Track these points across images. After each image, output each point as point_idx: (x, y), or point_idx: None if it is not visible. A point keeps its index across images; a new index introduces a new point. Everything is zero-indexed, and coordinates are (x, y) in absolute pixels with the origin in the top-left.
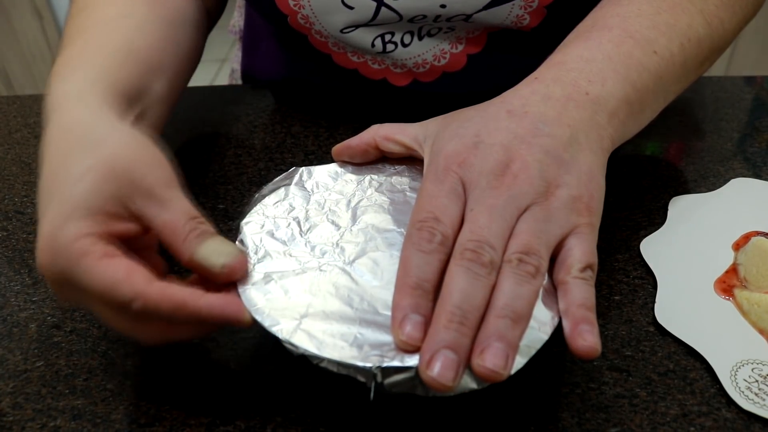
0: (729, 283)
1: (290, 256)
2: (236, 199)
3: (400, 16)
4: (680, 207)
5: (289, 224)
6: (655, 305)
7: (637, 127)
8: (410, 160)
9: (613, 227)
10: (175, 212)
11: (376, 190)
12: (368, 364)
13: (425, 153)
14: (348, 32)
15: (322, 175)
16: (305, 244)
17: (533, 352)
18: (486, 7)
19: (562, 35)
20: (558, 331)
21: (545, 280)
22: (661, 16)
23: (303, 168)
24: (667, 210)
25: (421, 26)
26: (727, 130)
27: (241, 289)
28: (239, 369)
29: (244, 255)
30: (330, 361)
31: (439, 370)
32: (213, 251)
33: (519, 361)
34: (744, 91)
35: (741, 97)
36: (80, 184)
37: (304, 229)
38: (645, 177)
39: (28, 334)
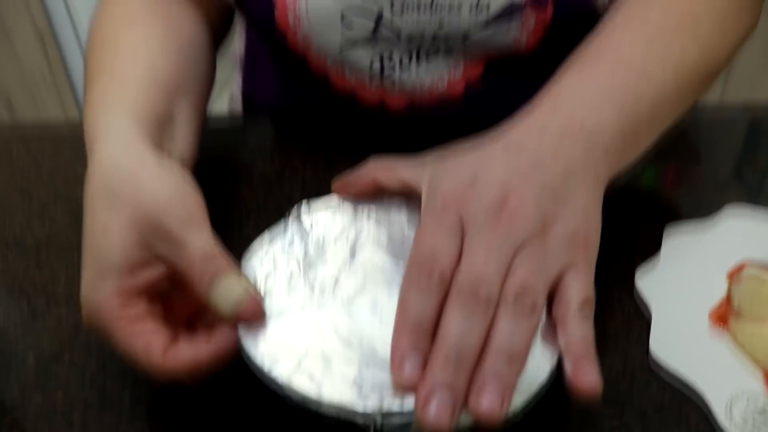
0: (723, 314)
1: (289, 295)
2: (234, 229)
3: (399, 35)
4: (675, 236)
5: (287, 263)
6: (650, 337)
7: (634, 155)
8: (408, 196)
9: (607, 258)
10: (191, 253)
11: (375, 225)
12: (368, 410)
13: (423, 189)
14: (346, 51)
15: (321, 210)
16: (304, 283)
17: (532, 391)
18: (483, 26)
19: (560, 59)
20: (557, 369)
21: (543, 317)
22: (654, 45)
23: (302, 203)
24: (662, 240)
25: (419, 48)
26: (721, 158)
27: (239, 329)
28: (235, 405)
29: (251, 300)
30: (330, 405)
31: (435, 411)
32: (222, 298)
33: (517, 400)
34: (738, 118)
35: (735, 124)
36: (105, 239)
37: (302, 267)
38: (639, 206)
39: (26, 365)
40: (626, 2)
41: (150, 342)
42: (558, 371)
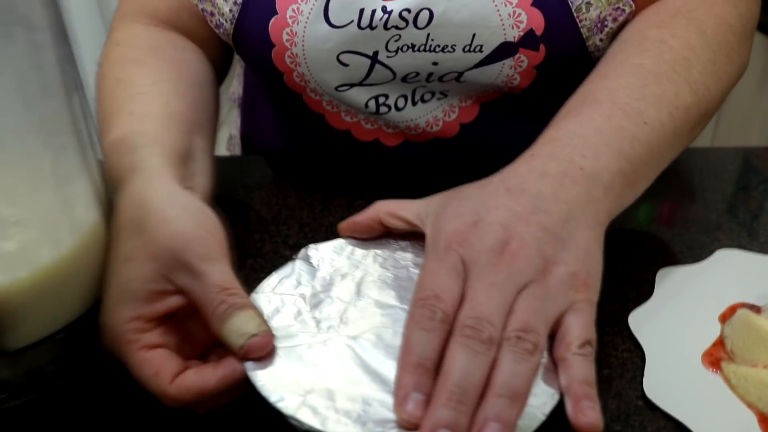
0: (716, 356)
1: (296, 331)
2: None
3: (394, 74)
4: (668, 279)
5: (295, 301)
6: (644, 379)
7: (633, 196)
8: (413, 236)
9: (601, 300)
10: (208, 286)
11: (381, 265)
12: None
13: (427, 230)
14: (343, 91)
15: (328, 251)
16: (311, 320)
17: (531, 429)
18: (477, 65)
19: (553, 97)
20: (557, 408)
21: (545, 358)
22: (648, 88)
23: (310, 245)
24: (654, 282)
25: (415, 88)
26: (712, 201)
27: (247, 364)
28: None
29: (262, 337)
30: None
31: None
32: (234, 331)
33: None
34: (728, 161)
35: (725, 168)
36: (127, 267)
37: (310, 305)
38: (632, 249)
39: None
40: (620, 49)
41: (160, 369)
42: (559, 409)
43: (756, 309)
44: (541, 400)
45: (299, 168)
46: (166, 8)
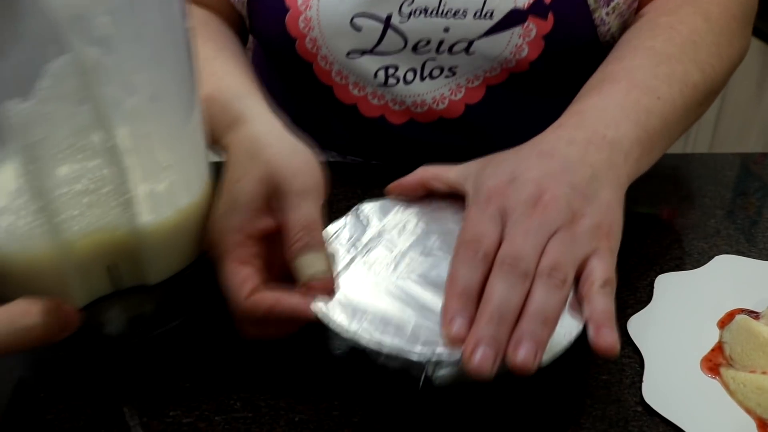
0: (715, 362)
1: (350, 272)
2: None
3: (405, 41)
4: (666, 285)
5: (348, 249)
6: (643, 384)
7: (649, 163)
8: (453, 197)
9: None
10: (294, 218)
11: (424, 221)
12: (422, 357)
13: (468, 188)
14: (353, 58)
15: (376, 209)
16: (363, 264)
17: (558, 353)
18: (487, 33)
19: (557, 81)
20: (580, 340)
21: (570, 296)
22: (660, 68)
23: (358, 204)
24: (653, 288)
25: (425, 61)
26: (710, 207)
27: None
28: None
29: (326, 281)
30: (389, 354)
31: (479, 360)
32: (303, 267)
33: (546, 357)
34: (726, 167)
35: (724, 174)
36: (239, 184)
37: (362, 252)
38: (631, 255)
39: None
40: (633, 35)
41: (243, 283)
42: (581, 340)
43: (754, 315)
44: (567, 329)
45: None
46: None
